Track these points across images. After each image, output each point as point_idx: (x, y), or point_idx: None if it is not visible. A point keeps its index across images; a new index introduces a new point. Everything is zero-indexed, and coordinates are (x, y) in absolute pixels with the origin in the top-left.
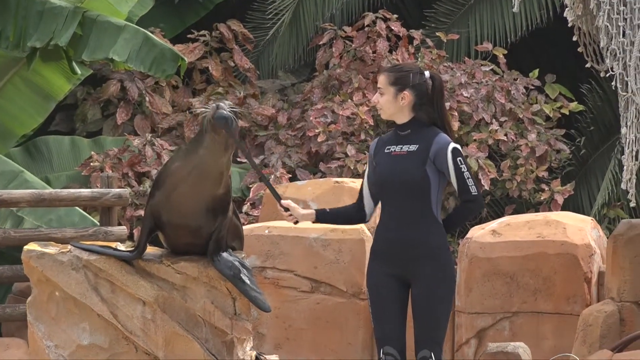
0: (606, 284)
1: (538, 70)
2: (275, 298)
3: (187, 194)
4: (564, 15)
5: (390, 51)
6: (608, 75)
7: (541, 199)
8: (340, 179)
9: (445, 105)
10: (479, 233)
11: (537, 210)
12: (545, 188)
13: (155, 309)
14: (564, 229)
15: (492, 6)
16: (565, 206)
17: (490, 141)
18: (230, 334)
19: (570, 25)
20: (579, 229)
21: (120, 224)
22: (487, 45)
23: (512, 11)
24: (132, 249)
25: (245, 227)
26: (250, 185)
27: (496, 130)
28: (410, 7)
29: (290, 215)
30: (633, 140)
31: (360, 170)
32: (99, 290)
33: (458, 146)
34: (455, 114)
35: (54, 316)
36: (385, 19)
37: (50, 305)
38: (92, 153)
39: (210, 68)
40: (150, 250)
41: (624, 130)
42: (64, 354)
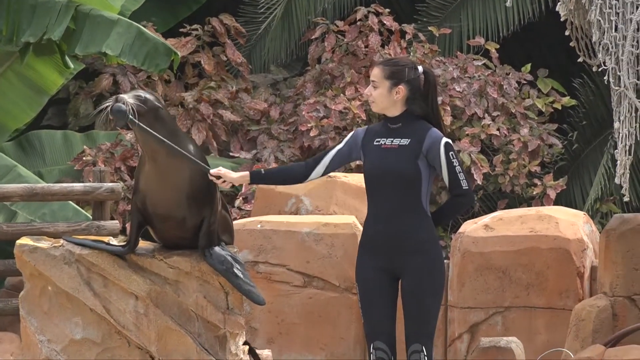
0: (599, 278)
1: (530, 64)
2: (268, 292)
3: (159, 182)
4: (556, 9)
5: (382, 45)
6: (600, 69)
7: (534, 193)
8: (332, 174)
9: (438, 100)
10: (471, 227)
11: (530, 205)
12: (538, 183)
13: (147, 304)
14: (557, 224)
15: (484, 0)
16: (558, 201)
17: (482, 136)
18: (223, 328)
19: (562, 19)
20: (572, 224)
21: (112, 218)
22: (480, 40)
23: (505, 5)
24: (125, 243)
25: (238, 222)
26: None
27: (488, 125)
28: (403, 2)
29: (223, 181)
30: (626, 135)
31: (352, 165)
32: (92, 285)
33: (450, 141)
34: (448, 108)
35: (46, 310)
36: (377, 14)
37: (42, 299)
38: (85, 147)
39: (202, 62)
40: (142, 244)
41: (616, 124)
42: (56, 349)
